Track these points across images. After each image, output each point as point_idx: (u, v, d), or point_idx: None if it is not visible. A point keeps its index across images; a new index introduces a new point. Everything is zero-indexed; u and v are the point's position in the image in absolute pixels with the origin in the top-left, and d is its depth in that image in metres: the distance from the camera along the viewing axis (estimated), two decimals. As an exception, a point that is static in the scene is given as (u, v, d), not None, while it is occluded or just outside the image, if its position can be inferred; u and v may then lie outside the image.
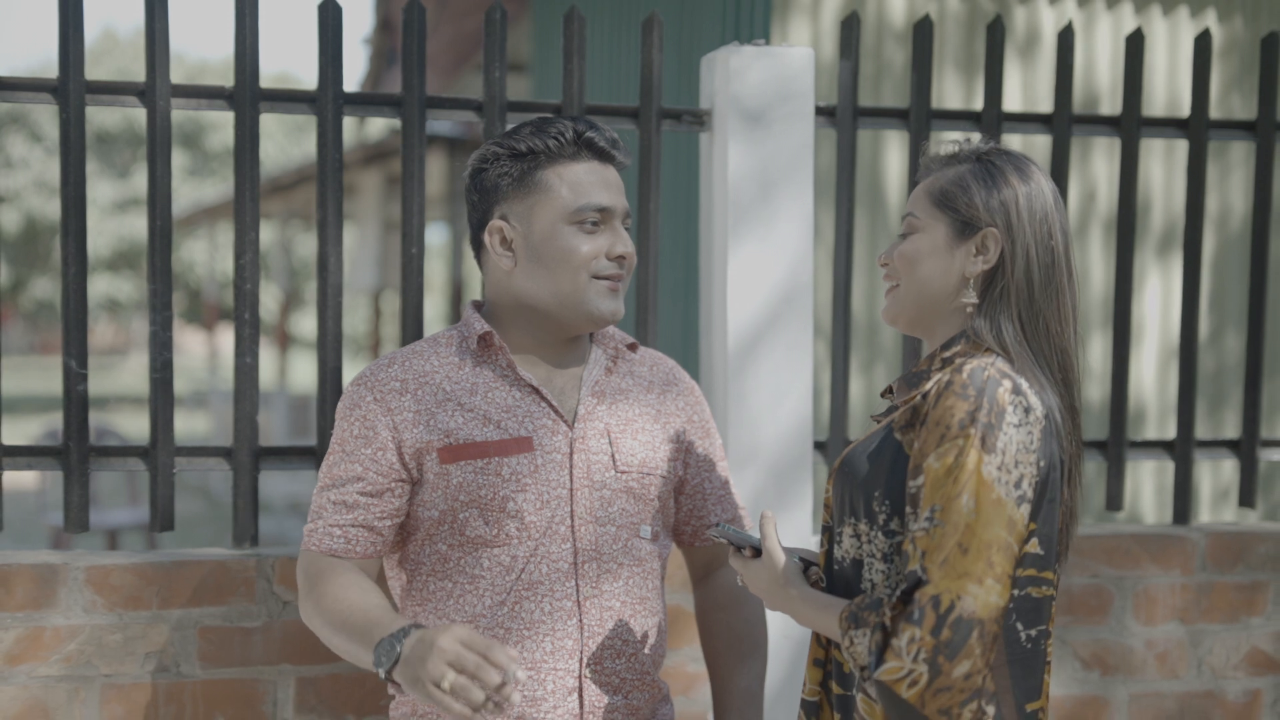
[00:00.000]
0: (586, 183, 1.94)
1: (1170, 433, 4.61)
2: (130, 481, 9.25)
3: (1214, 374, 4.67)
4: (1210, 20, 4.71)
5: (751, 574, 1.84)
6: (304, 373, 24.64)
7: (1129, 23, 4.68)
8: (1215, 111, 4.66)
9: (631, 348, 2.07)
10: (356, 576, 1.91)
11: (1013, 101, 4.56)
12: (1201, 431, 4.63)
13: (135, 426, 16.11)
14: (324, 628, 1.89)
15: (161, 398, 2.45)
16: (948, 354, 1.80)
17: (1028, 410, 1.68)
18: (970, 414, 1.65)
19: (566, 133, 1.94)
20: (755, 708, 2.12)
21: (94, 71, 27.38)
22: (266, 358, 23.80)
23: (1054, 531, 1.75)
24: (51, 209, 25.92)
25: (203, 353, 24.99)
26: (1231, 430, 4.58)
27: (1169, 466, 4.74)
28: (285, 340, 14.35)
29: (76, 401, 2.41)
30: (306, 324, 27.71)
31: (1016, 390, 1.69)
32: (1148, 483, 4.70)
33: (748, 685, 2.13)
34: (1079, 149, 4.60)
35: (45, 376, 25.22)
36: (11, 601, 2.32)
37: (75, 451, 2.41)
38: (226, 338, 24.59)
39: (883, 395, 1.91)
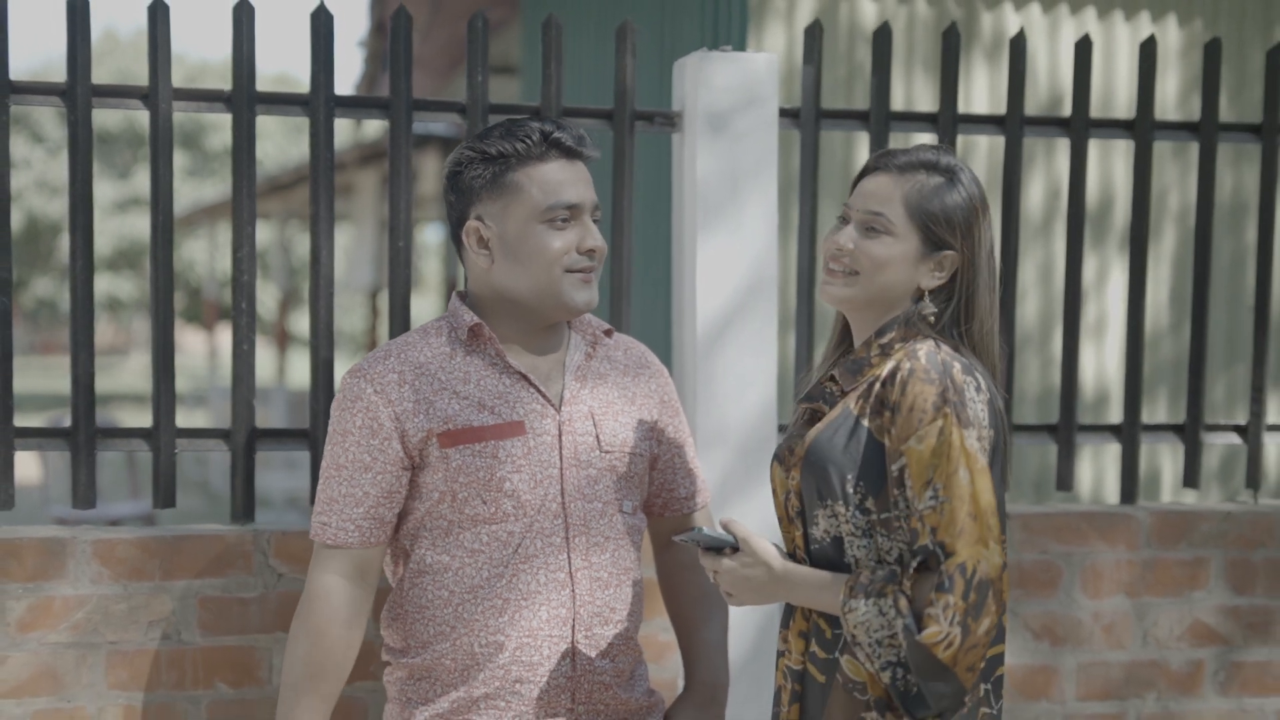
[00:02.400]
0: (555, 181, 2.05)
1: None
2: (131, 476, 9.41)
3: (1175, 364, 4.84)
4: (1171, 24, 4.88)
5: (737, 567, 1.93)
6: (302, 370, 24.77)
7: (1093, 27, 4.85)
8: (1178, 112, 4.84)
9: (607, 333, 2.19)
10: (329, 667, 2.09)
11: (981, 103, 4.72)
12: (1168, 418, 4.80)
13: (136, 423, 16.27)
14: (286, 687, 2.10)
15: (163, 382, 2.60)
16: (884, 340, 1.94)
17: (978, 388, 1.85)
18: (941, 395, 1.81)
19: (534, 134, 2.05)
20: (723, 658, 2.27)
21: (96, 71, 27.48)
22: (266, 355, 23.94)
23: (1000, 495, 1.90)
24: (52, 209, 26.07)
25: (203, 351, 25.14)
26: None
27: (1146, 449, 4.92)
28: (284, 338, 14.50)
29: (83, 385, 2.57)
30: (305, 322, 27.90)
31: (967, 370, 1.85)
32: (1111, 467, 4.87)
33: (716, 638, 2.27)
34: (1046, 148, 4.77)
35: (46, 375, 25.37)
36: (22, 573, 2.46)
37: (83, 432, 2.57)
38: (226, 337, 24.75)
39: (825, 383, 2.02)
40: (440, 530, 2.07)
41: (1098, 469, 4.92)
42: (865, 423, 1.89)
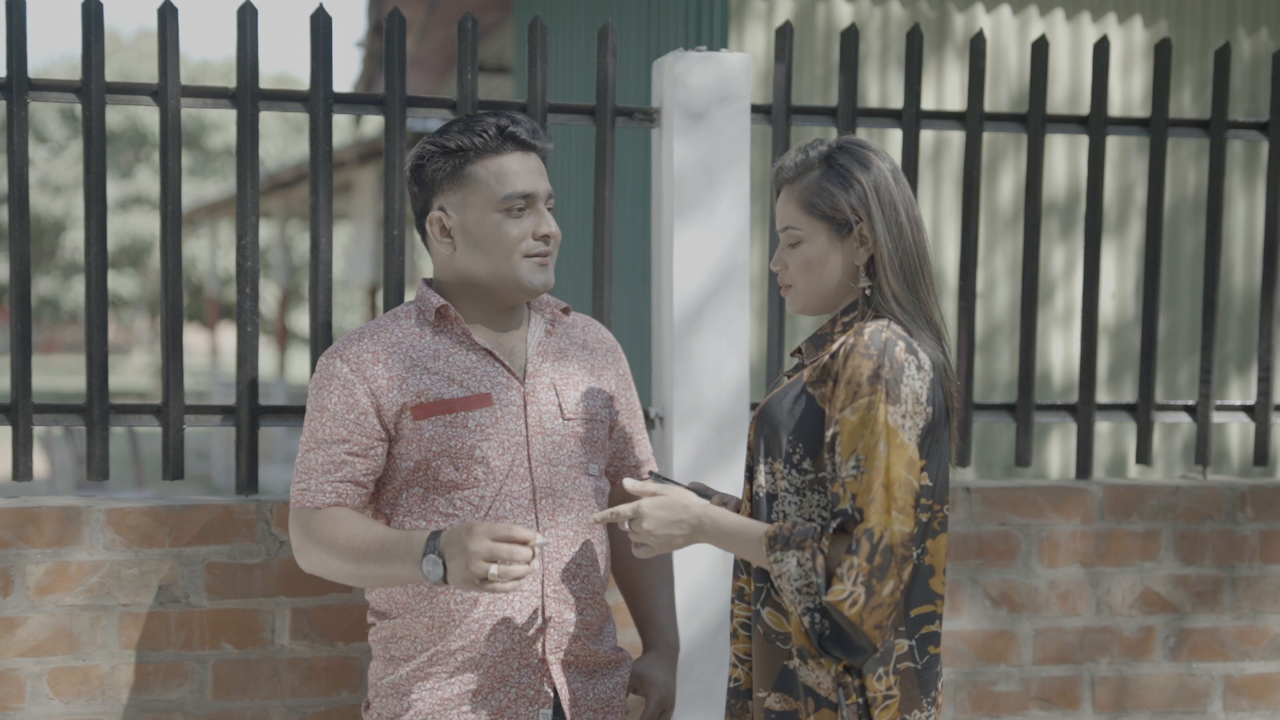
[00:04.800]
0: (510, 173, 2.19)
1: (1106, 399, 4.97)
2: (136, 468, 9.59)
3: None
4: (1136, 25, 5.06)
5: (654, 504, 2.06)
6: (301, 366, 24.93)
7: (1061, 27, 5.03)
8: (1144, 109, 5.02)
9: (565, 312, 2.35)
10: (351, 515, 2.18)
11: (954, 100, 4.90)
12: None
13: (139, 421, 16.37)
14: (340, 565, 2.15)
15: (172, 360, 2.77)
16: (847, 319, 2.11)
17: (919, 367, 2.00)
18: (875, 371, 1.96)
19: (489, 129, 2.19)
20: (675, 621, 2.45)
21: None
22: (267, 353, 24.09)
23: (942, 466, 2.06)
24: (55, 207, 26.23)
25: (205, 349, 25.33)
26: (1162, 397, 4.93)
27: (1114, 430, 5.10)
28: (284, 335, 14.66)
29: (98, 362, 2.74)
30: (304, 320, 28.09)
31: (910, 349, 2.00)
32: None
33: (670, 603, 2.45)
34: (1018, 144, 4.94)
35: (49, 374, 25.50)
36: (41, 539, 2.63)
37: (97, 407, 2.74)
38: (227, 335, 24.90)
39: (792, 354, 2.22)
40: (417, 497, 2.22)
41: (1066, 449, 5.10)
42: (810, 390, 2.05)
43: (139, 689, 2.66)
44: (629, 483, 2.11)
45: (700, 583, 2.90)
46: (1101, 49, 3.16)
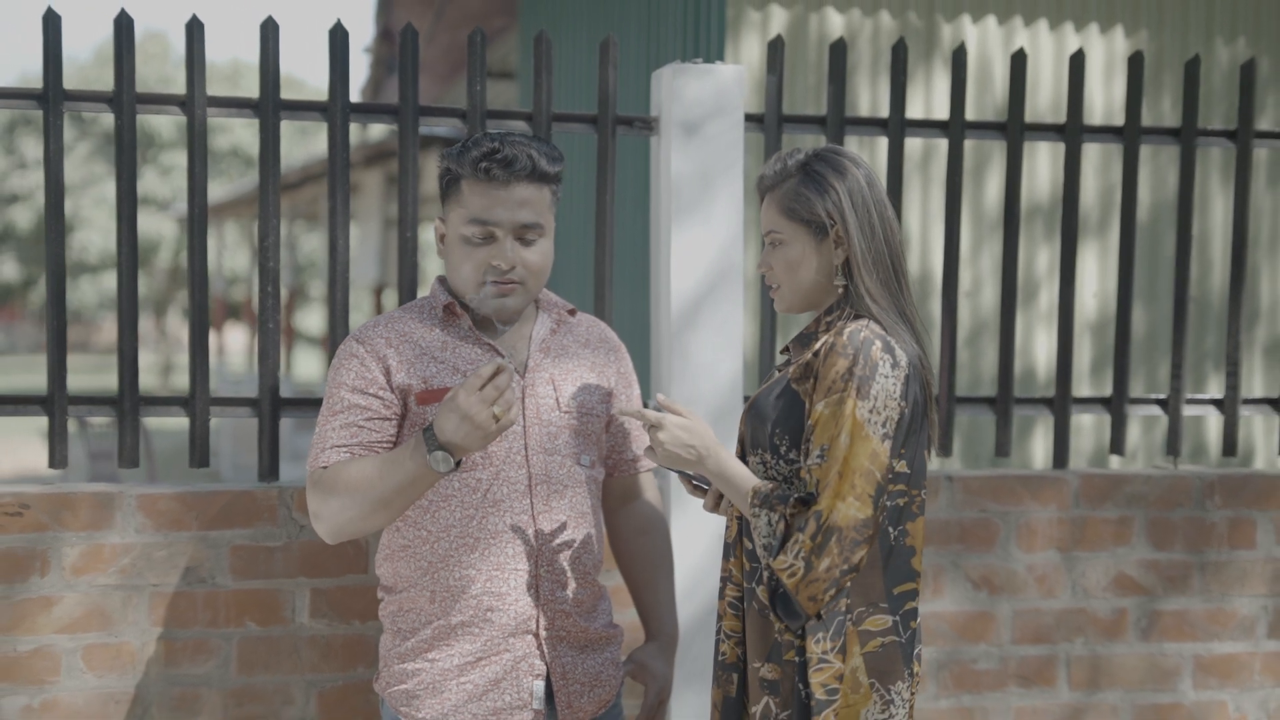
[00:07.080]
0: (480, 203, 2.29)
1: (1080, 393, 5.14)
2: (149, 463, 9.76)
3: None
4: (1118, 34, 5.23)
5: (691, 422, 2.21)
6: (306, 367, 25.14)
7: (1046, 37, 5.19)
8: (1124, 116, 5.19)
9: (571, 313, 2.50)
10: (357, 459, 2.28)
11: (943, 108, 5.06)
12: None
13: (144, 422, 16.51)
14: (359, 501, 2.22)
15: (198, 355, 2.94)
16: (830, 318, 2.26)
17: (894, 365, 2.14)
18: (849, 369, 2.11)
19: (473, 155, 2.29)
20: (675, 612, 2.61)
21: (102, 75, 28.05)
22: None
23: (919, 454, 2.22)
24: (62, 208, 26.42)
25: (211, 348, 25.49)
26: (1145, 391, 5.09)
27: (1097, 423, 5.26)
28: (290, 335, 14.82)
29: (128, 357, 2.91)
30: (308, 321, 28.28)
31: (886, 348, 2.14)
32: (1074, 438, 5.21)
33: (670, 595, 2.60)
34: (1002, 149, 5.11)
35: (54, 373, 25.61)
36: (77, 523, 2.79)
37: (128, 399, 2.91)
38: (232, 335, 25.06)
39: (781, 352, 2.38)
40: None
41: (1050, 441, 5.27)
42: (794, 385, 2.21)
43: (168, 664, 2.81)
44: (661, 398, 2.25)
45: (696, 567, 3.06)
46: (1077, 61, 3.33)
